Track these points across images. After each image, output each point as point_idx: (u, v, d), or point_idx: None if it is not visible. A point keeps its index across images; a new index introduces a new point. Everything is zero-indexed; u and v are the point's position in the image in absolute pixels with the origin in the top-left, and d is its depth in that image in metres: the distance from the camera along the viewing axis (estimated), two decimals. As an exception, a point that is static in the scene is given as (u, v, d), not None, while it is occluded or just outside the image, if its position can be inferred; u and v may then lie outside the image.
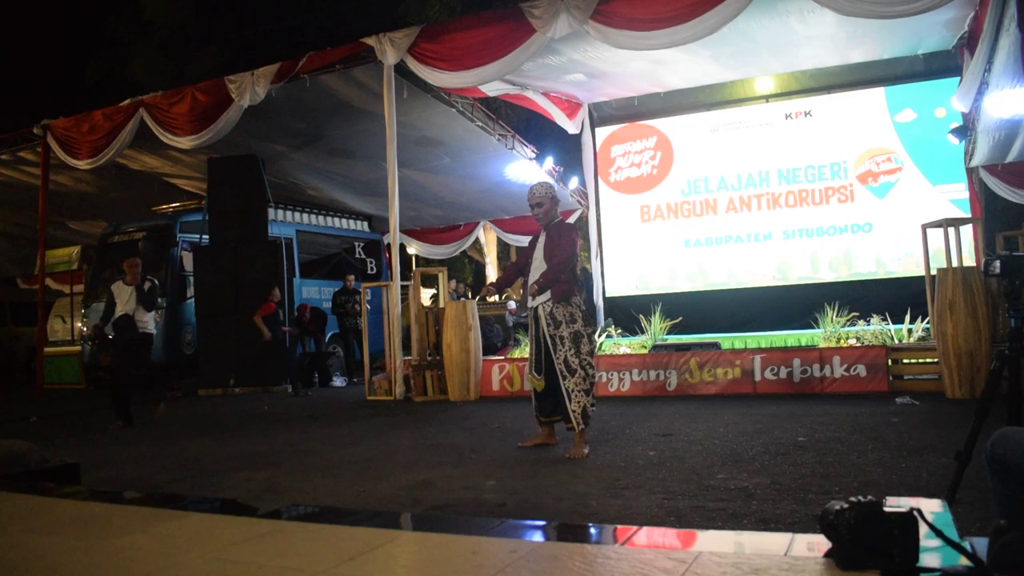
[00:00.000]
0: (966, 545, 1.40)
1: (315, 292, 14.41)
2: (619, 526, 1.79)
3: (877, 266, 12.20)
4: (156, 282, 9.28)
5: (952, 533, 1.43)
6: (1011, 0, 7.24)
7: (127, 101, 12.28)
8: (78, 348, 14.62)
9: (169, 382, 13.17)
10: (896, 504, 1.41)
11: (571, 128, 13.48)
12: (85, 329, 14.04)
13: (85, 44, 25.12)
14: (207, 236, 13.10)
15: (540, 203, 5.83)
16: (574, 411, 5.51)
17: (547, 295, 5.66)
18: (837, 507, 1.36)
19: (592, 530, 2.25)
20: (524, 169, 14.13)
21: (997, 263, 3.19)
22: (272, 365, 12.25)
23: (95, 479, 5.22)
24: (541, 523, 2.89)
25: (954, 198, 11.79)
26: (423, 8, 21.10)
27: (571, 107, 13.44)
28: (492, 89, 11.79)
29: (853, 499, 1.36)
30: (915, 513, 1.34)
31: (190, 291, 13.19)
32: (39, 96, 21.39)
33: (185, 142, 11.74)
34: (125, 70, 24.28)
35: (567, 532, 2.30)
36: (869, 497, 1.35)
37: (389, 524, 2.21)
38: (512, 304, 14.91)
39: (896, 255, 12.00)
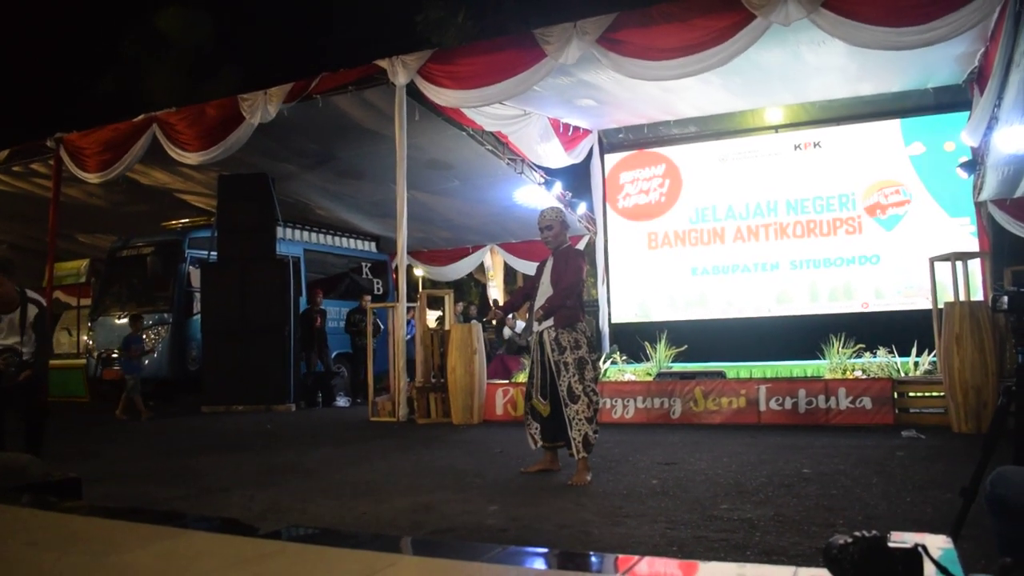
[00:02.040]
0: (971, 583, 1.38)
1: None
2: (620, 555, 1.78)
3: (884, 298, 12.17)
4: (42, 303, 6.35)
5: (957, 570, 1.41)
6: (1022, 36, 7.27)
7: (140, 116, 12.35)
8: (83, 361, 14.64)
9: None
10: (901, 539, 1.39)
11: (563, 161, 13.40)
12: (91, 343, 14.08)
13: (101, 59, 25.34)
14: (215, 253, 13.14)
15: (550, 226, 5.89)
16: (575, 438, 5.51)
17: (552, 320, 5.67)
18: (841, 541, 1.34)
19: (593, 559, 2.23)
20: (533, 194, 14.15)
21: (1005, 299, 3.19)
22: (276, 383, 12.25)
23: (97, 494, 5.20)
24: (542, 550, 2.87)
25: (962, 232, 11.78)
26: (440, 31, 21.28)
27: (575, 136, 13.42)
28: (491, 124, 11.83)
29: (857, 533, 1.34)
30: (920, 549, 1.33)
31: (196, 307, 13.21)
32: (53, 109, 21.52)
33: (193, 158, 11.78)
34: (141, 86, 24.46)
35: (567, 560, 2.28)
36: (873, 532, 1.34)
37: (390, 548, 2.19)
38: (511, 318, 14.83)
39: (903, 288, 11.98)
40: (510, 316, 14.73)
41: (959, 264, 8.32)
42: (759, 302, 12.90)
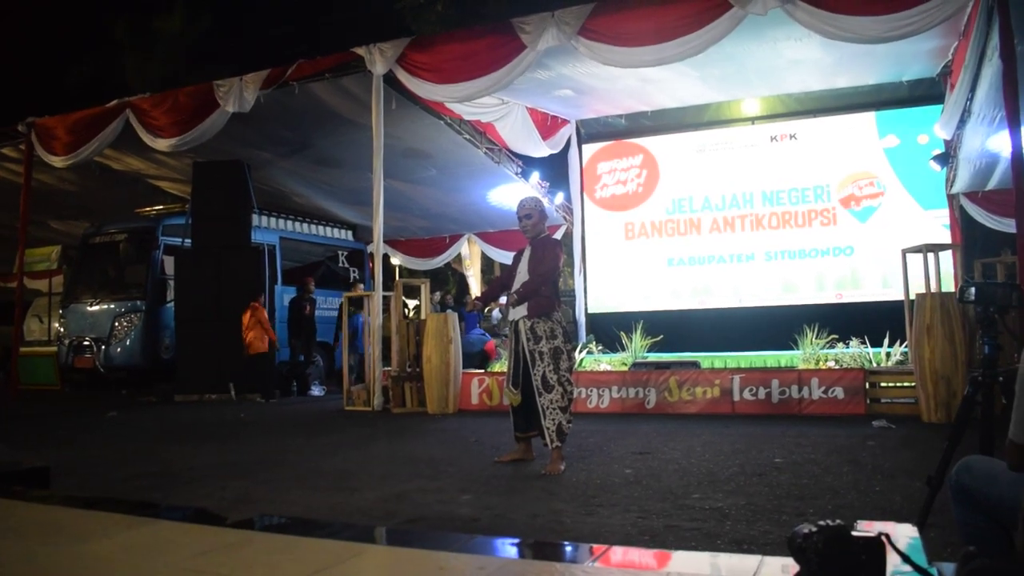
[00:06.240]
0: (933, 571, 1.40)
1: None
2: (592, 544, 1.79)
3: (857, 289, 12.28)
4: None
5: (921, 558, 1.42)
6: (994, 31, 7.34)
7: (114, 102, 12.21)
8: (54, 349, 14.47)
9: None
10: (866, 528, 1.40)
11: (541, 151, 13.41)
12: (62, 330, 13.91)
13: (81, 45, 24.97)
14: (189, 240, 13.01)
15: (529, 215, 5.87)
16: (548, 428, 5.51)
17: (527, 309, 5.66)
18: (805, 530, 1.36)
19: (564, 548, 2.24)
20: (510, 183, 14.14)
21: (972, 290, 3.21)
22: (249, 372, 12.16)
23: (66, 483, 5.15)
24: (512, 540, 2.87)
25: (935, 224, 11.90)
26: (419, 17, 21.16)
27: (552, 125, 13.42)
28: (469, 113, 11.80)
29: (821, 523, 1.35)
30: (882, 538, 1.34)
31: (170, 295, 13.08)
32: (28, 94, 21.17)
33: (163, 144, 11.65)
34: (120, 73, 24.12)
35: (538, 549, 2.29)
36: (838, 521, 1.35)
37: (360, 537, 2.19)
38: (497, 313, 14.88)
39: (876, 279, 12.09)
40: (495, 313, 14.81)
41: (931, 256, 8.39)
42: (734, 293, 12.98)
